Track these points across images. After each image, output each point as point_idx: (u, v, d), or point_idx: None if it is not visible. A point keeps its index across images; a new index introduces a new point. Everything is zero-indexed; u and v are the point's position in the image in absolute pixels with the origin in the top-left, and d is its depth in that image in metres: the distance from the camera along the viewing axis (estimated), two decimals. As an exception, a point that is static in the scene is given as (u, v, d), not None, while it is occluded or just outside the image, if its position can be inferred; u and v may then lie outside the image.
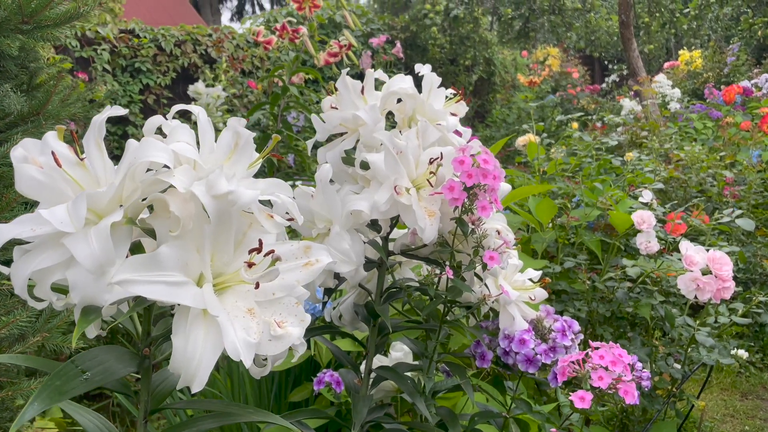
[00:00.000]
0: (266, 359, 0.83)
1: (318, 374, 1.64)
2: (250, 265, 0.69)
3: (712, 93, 8.55)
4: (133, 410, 1.97)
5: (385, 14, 10.18)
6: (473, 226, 1.12)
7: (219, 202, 0.68)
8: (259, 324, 0.69)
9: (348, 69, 1.21)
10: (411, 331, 1.63)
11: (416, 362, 1.44)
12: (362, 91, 1.23)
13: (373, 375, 1.31)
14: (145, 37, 7.00)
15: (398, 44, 6.80)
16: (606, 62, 16.60)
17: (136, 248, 0.74)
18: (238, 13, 27.40)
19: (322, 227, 1.15)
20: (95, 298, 0.66)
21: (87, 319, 0.66)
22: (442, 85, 1.25)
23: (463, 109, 1.25)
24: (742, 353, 2.21)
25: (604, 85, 12.97)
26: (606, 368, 1.08)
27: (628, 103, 7.85)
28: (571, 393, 1.44)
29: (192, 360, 0.66)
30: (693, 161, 3.83)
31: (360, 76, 1.26)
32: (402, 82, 1.21)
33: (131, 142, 0.75)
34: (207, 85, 5.70)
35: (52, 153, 0.68)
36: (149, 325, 0.81)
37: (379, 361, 1.54)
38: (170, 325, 0.83)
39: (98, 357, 0.74)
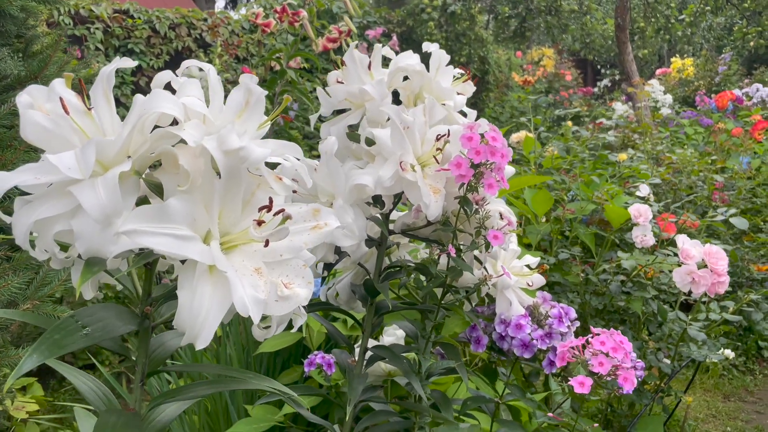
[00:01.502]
0: (268, 325, 0.82)
1: (309, 356, 1.62)
2: (260, 223, 0.67)
3: (703, 100, 8.62)
4: (117, 386, 1.95)
5: (382, 7, 10.15)
6: (477, 206, 1.11)
7: (230, 158, 0.67)
8: (266, 283, 0.67)
9: (356, 43, 1.20)
10: (407, 313, 1.62)
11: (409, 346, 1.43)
12: (369, 67, 1.22)
13: (368, 355, 1.30)
14: (139, 18, 6.93)
15: (394, 37, 6.78)
16: (599, 66, 16.70)
17: (142, 203, 0.72)
18: (233, 2, 27.19)
19: (325, 201, 1.14)
20: (100, 249, 0.64)
21: (91, 270, 0.64)
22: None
23: (470, 89, 1.25)
24: (729, 353, 2.22)
25: (595, 89, 13.04)
26: (607, 354, 1.08)
27: (620, 107, 7.89)
28: (563, 381, 1.44)
29: (198, 316, 0.64)
30: (685, 164, 3.86)
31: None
32: (410, 59, 1.20)
33: (139, 97, 0.73)
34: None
35: (60, 99, 0.66)
36: (150, 285, 0.79)
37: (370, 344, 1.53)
38: (169, 288, 0.81)
39: (98, 314, 0.72)
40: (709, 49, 12.54)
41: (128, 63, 0.73)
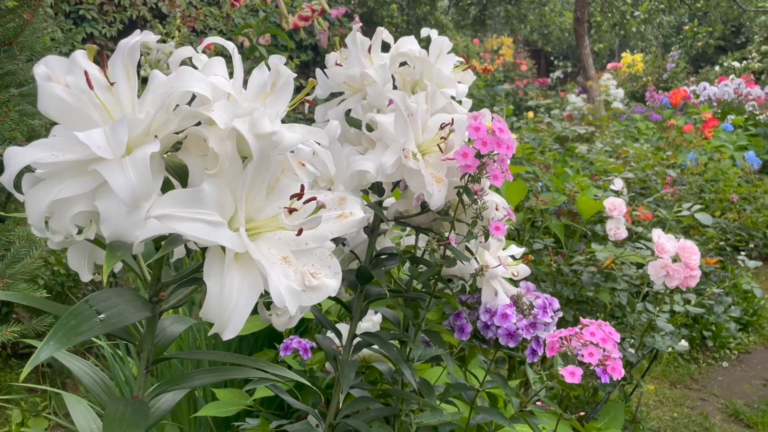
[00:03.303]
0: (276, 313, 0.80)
1: (285, 340, 1.60)
2: (291, 211, 0.65)
3: (653, 96, 8.87)
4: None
5: (343, -13, 10.00)
6: (476, 196, 1.11)
7: (262, 142, 0.64)
8: (296, 273, 0.66)
9: (359, 25, 1.17)
10: (390, 300, 1.62)
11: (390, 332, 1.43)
12: (369, 50, 1.19)
13: (355, 341, 1.30)
14: (92, -17, 6.63)
15: (357, 18, 6.71)
16: (552, 58, 16.95)
17: (164, 186, 0.69)
18: (186, -29, 26.32)
19: (323, 186, 1.12)
20: (126, 233, 0.61)
21: (115, 255, 0.61)
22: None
23: (470, 77, 1.24)
24: (684, 343, 2.31)
25: (548, 80, 13.25)
26: (597, 345, 1.10)
27: (574, 99, 8.05)
28: (542, 370, 1.47)
29: (227, 306, 0.62)
30: (640, 158, 3.97)
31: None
32: (411, 44, 1.18)
33: (157, 73, 0.70)
34: (159, 41, 5.46)
35: (85, 73, 0.62)
36: (160, 270, 0.76)
37: (343, 330, 1.52)
38: (180, 275, 0.78)
39: (111, 299, 0.69)
40: (658, 46, 12.90)
41: (151, 37, 0.69)
